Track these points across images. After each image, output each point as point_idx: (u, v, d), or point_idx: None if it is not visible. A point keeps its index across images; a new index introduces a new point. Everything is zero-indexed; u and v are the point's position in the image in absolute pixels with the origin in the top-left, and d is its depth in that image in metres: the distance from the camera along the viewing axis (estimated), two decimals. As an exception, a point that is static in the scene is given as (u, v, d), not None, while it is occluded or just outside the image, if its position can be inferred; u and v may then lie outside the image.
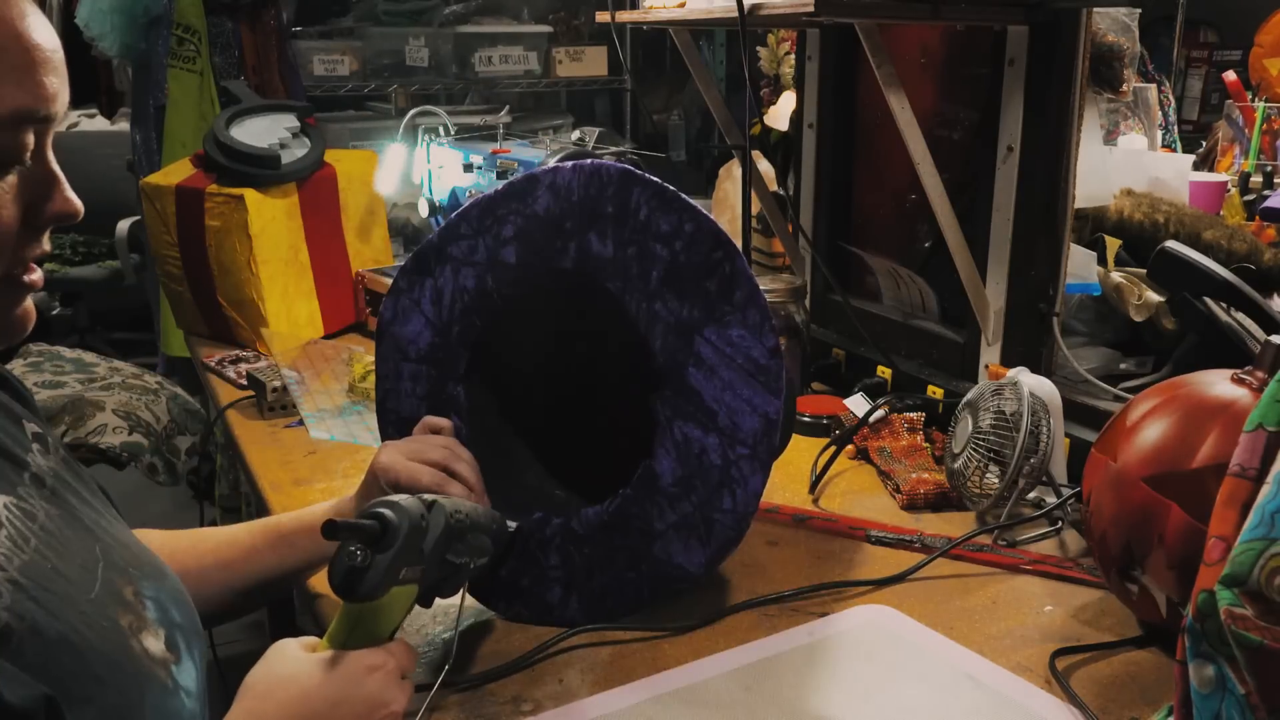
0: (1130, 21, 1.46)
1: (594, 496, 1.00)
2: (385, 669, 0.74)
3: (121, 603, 0.72)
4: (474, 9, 3.68)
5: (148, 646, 0.71)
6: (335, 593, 0.73)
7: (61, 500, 0.74)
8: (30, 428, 0.78)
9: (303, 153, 1.87)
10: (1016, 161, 1.32)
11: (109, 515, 0.80)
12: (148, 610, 0.74)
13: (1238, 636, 0.59)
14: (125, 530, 0.81)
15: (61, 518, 0.72)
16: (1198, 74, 3.42)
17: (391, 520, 0.74)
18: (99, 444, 2.21)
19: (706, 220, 0.96)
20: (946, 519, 1.22)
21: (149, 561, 0.80)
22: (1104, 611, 1.01)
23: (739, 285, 0.96)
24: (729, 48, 3.89)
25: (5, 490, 0.68)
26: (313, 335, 1.86)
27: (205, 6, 2.82)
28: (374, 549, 0.73)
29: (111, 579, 0.72)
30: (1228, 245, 1.40)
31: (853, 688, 0.88)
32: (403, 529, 0.74)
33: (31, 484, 0.71)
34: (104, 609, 0.69)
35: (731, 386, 0.95)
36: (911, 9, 1.24)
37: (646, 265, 0.97)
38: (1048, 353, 1.34)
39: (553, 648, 0.95)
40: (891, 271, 1.59)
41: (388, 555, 0.73)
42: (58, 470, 0.76)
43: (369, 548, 0.73)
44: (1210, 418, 0.88)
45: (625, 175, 0.98)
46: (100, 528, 0.77)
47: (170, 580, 0.81)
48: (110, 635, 0.68)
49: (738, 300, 0.95)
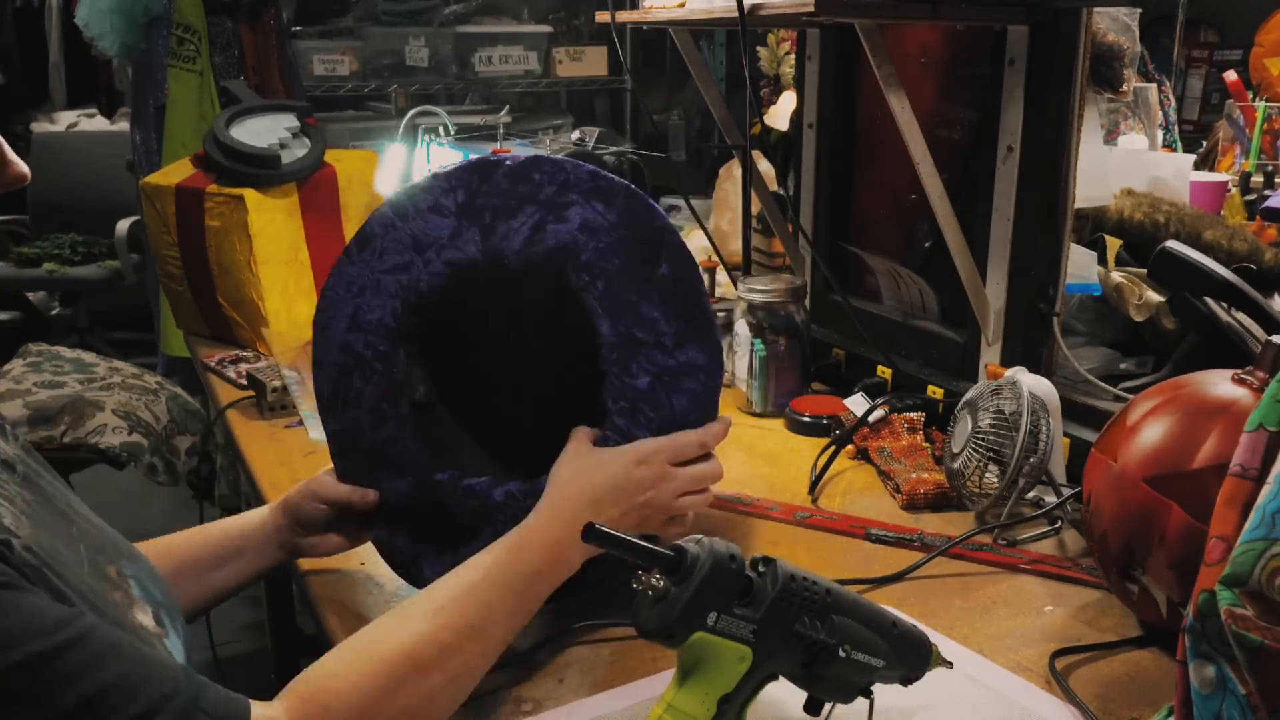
0: (1130, 21, 1.46)
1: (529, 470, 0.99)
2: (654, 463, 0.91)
3: (108, 580, 0.72)
4: (474, 9, 3.68)
5: (141, 621, 0.72)
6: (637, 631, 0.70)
7: (34, 485, 0.74)
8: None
9: (303, 153, 1.87)
10: (1016, 161, 1.32)
11: (74, 499, 0.80)
12: (132, 588, 0.75)
13: (1238, 636, 0.59)
14: (92, 514, 0.82)
15: (38, 501, 0.72)
16: (1198, 74, 3.42)
17: (689, 551, 0.69)
18: (99, 444, 2.21)
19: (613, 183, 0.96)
20: (946, 518, 1.22)
21: (121, 543, 0.81)
22: (1104, 611, 1.01)
23: (661, 258, 0.96)
24: (729, 48, 3.88)
25: None
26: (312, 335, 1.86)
27: (205, 6, 2.82)
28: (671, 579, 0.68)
29: (95, 559, 0.73)
30: (1228, 245, 1.40)
31: (853, 688, 0.88)
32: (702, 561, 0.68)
33: (3, 470, 0.71)
34: (100, 584, 0.70)
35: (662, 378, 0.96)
36: (911, 9, 1.24)
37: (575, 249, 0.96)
38: (1048, 353, 1.34)
39: (553, 648, 0.95)
40: (891, 271, 1.59)
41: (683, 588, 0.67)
42: (22, 457, 0.76)
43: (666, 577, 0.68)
44: (1210, 418, 0.88)
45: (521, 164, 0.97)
46: (73, 509, 0.77)
47: (144, 560, 0.81)
48: (112, 610, 0.68)
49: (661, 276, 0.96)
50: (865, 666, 0.76)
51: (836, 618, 0.74)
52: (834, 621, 0.74)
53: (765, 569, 0.72)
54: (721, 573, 0.68)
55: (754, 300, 1.54)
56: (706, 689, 0.69)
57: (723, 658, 0.69)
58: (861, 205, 1.70)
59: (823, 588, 0.74)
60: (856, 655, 0.75)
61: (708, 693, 0.69)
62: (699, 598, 0.67)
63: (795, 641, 0.72)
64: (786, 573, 0.72)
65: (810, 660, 0.73)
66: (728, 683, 0.70)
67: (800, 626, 0.72)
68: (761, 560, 0.72)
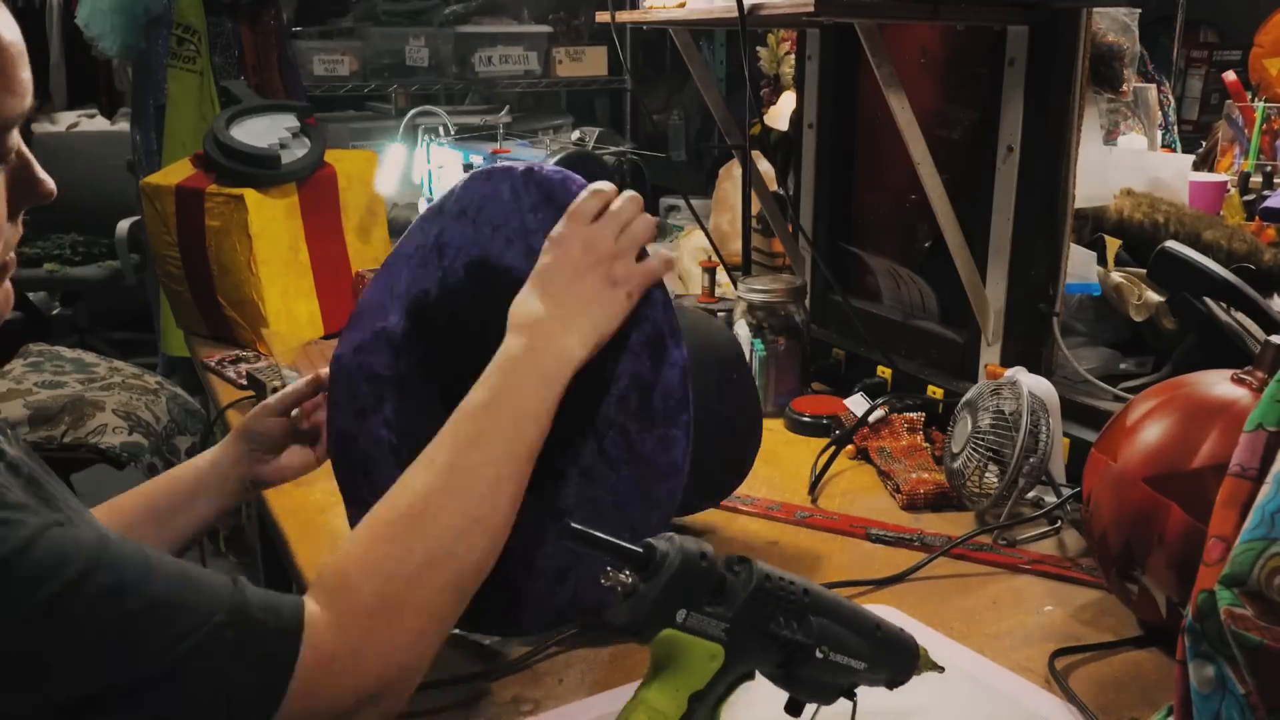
0: (1130, 21, 1.46)
1: None
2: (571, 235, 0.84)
3: None
4: (474, 9, 3.68)
5: None
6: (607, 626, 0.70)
7: (38, 486, 0.74)
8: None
9: (303, 153, 1.87)
10: (1016, 161, 1.32)
11: (76, 503, 0.80)
12: None
13: (1238, 636, 0.59)
14: (95, 519, 0.81)
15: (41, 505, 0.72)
16: (1198, 74, 3.42)
17: (658, 548, 0.68)
18: (99, 444, 2.21)
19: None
20: (946, 519, 1.22)
21: None
22: (1104, 611, 1.01)
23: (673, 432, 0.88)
24: (729, 48, 3.88)
25: None
26: (313, 335, 1.86)
27: (205, 6, 2.82)
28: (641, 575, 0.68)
29: None
30: (1228, 245, 1.40)
31: (853, 688, 0.88)
32: (671, 558, 0.68)
33: (9, 472, 0.71)
34: None
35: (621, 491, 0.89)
36: (911, 9, 1.25)
37: None
38: (1048, 353, 1.34)
39: (553, 648, 0.95)
40: (891, 271, 1.59)
41: (652, 585, 0.67)
42: (25, 459, 0.76)
43: (635, 571, 0.68)
44: (1210, 418, 0.88)
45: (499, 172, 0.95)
46: (75, 512, 0.77)
47: None
48: None
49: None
50: (845, 668, 0.75)
51: (815, 618, 0.73)
52: (811, 622, 0.73)
53: (740, 568, 0.72)
54: (691, 571, 0.68)
55: (754, 300, 1.54)
56: (678, 686, 0.70)
57: (693, 655, 0.69)
58: (861, 205, 1.70)
59: (800, 588, 0.73)
60: (835, 657, 0.74)
61: (679, 689, 0.69)
62: (668, 595, 0.68)
63: (770, 641, 0.71)
64: (762, 573, 0.71)
65: (787, 661, 0.73)
66: (699, 680, 0.70)
67: (775, 626, 0.71)
68: (737, 560, 0.72)
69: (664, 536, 0.70)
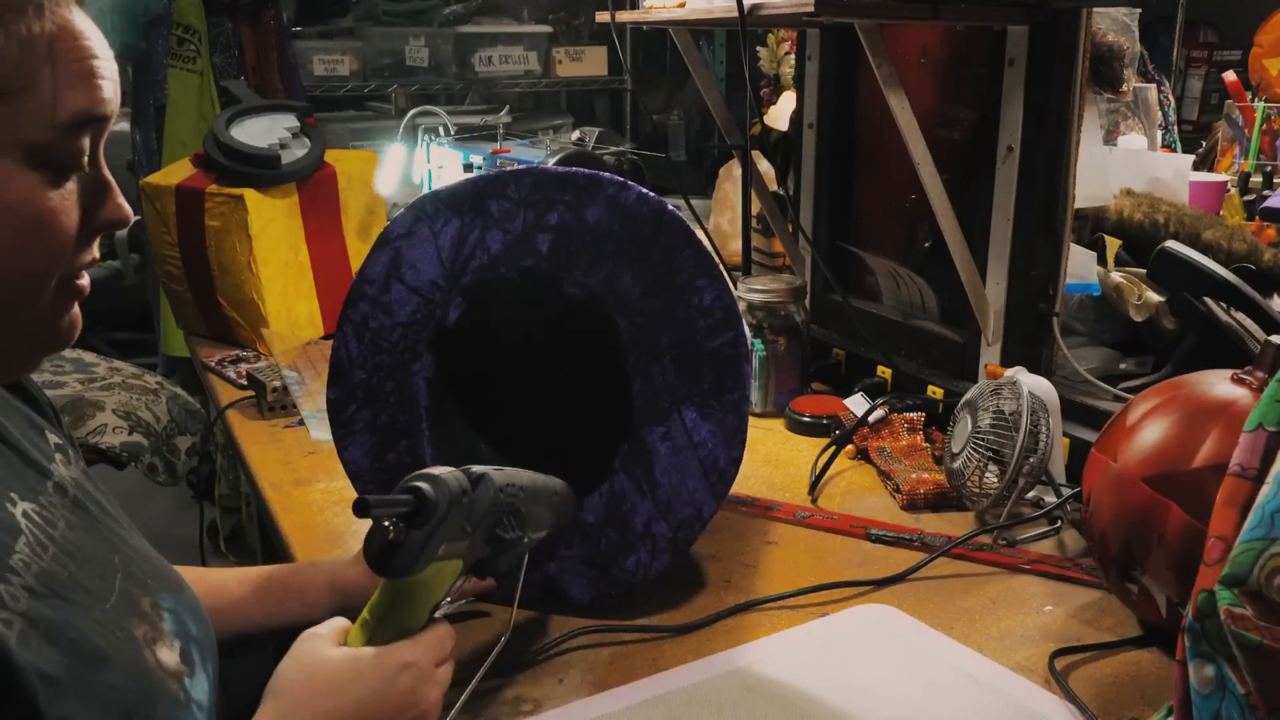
0: (1130, 21, 1.46)
1: None
2: (418, 665, 0.72)
3: (137, 613, 0.71)
4: (474, 9, 3.68)
5: (161, 658, 0.71)
6: (370, 568, 0.71)
7: (83, 510, 0.74)
8: (53, 438, 0.78)
9: (303, 153, 1.87)
10: (1016, 161, 1.32)
11: (128, 526, 0.80)
12: (164, 622, 0.74)
13: (1238, 636, 0.59)
14: (144, 542, 0.81)
15: (82, 527, 0.72)
16: (1198, 74, 3.42)
17: (429, 496, 0.70)
18: (99, 444, 2.21)
19: (735, 311, 0.97)
20: (946, 519, 1.22)
21: (167, 574, 0.80)
22: (1104, 611, 1.01)
23: (735, 387, 0.97)
24: (729, 48, 3.88)
25: (28, 497, 0.68)
26: (313, 335, 1.86)
27: (205, 6, 2.82)
28: (409, 524, 0.70)
29: (129, 590, 0.72)
30: (1228, 245, 1.40)
31: (853, 687, 0.88)
32: (440, 506, 0.70)
33: (54, 493, 0.71)
34: (119, 619, 0.69)
35: (685, 472, 0.97)
36: (911, 9, 1.25)
37: (665, 326, 0.97)
38: (1048, 353, 1.34)
39: (553, 648, 0.95)
40: (891, 271, 1.59)
41: (424, 532, 0.70)
42: (79, 480, 0.76)
43: (405, 523, 0.70)
44: (1210, 418, 0.88)
45: (684, 232, 0.97)
46: (119, 538, 0.77)
47: (187, 593, 0.80)
48: (124, 645, 0.68)
49: (727, 401, 0.97)
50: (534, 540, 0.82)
51: (525, 510, 0.79)
52: (523, 515, 0.79)
53: (478, 486, 0.75)
54: (456, 508, 0.72)
55: (754, 300, 1.54)
56: (423, 604, 0.74)
57: (443, 575, 0.73)
58: (861, 205, 1.70)
59: (518, 487, 0.78)
60: (533, 535, 0.81)
61: (423, 605, 0.74)
62: (439, 538, 0.71)
63: (494, 542, 0.77)
64: (496, 485, 0.75)
65: (503, 550, 0.78)
66: (440, 593, 0.74)
67: (501, 530, 0.76)
68: (476, 477, 0.75)
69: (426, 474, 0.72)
